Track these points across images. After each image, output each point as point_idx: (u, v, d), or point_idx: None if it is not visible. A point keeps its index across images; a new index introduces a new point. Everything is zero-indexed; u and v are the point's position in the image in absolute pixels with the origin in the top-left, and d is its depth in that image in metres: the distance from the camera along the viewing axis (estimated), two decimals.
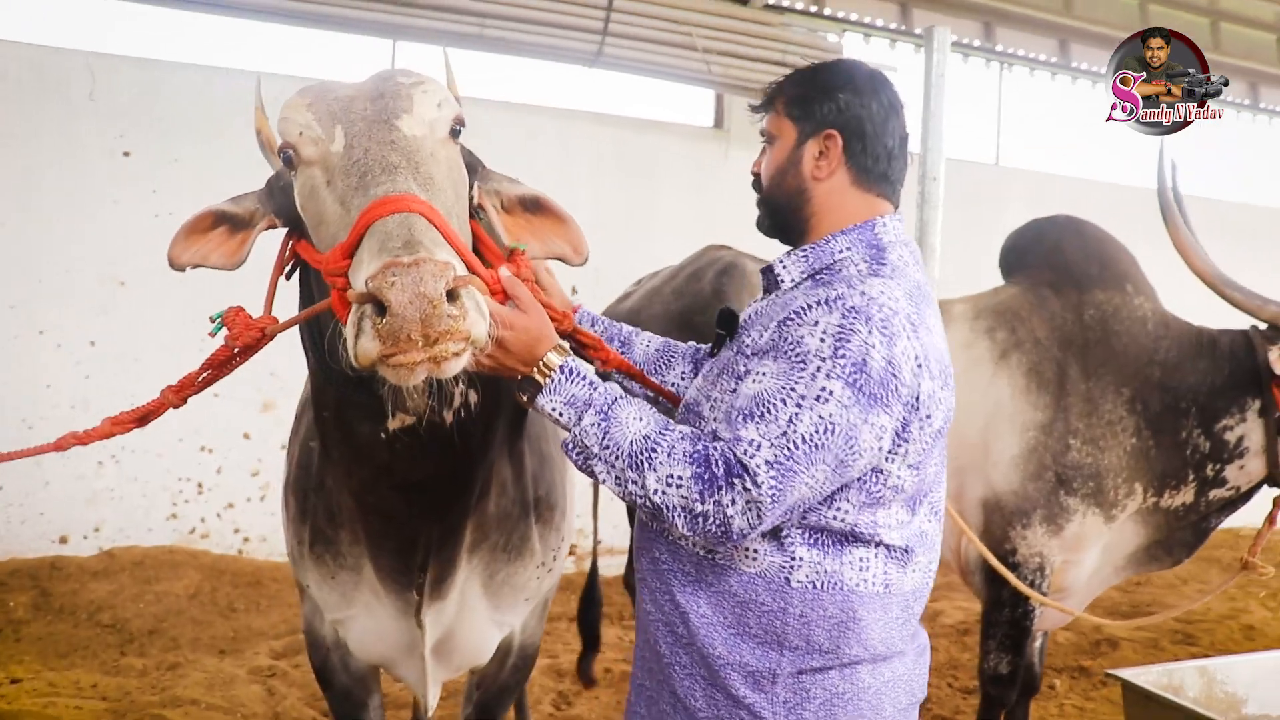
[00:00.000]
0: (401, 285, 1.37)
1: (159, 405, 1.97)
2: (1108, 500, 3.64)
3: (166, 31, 6.74)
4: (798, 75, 2.02)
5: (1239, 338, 3.72)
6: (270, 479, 6.72)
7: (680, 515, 1.66)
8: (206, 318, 1.91)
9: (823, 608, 1.79)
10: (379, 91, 1.78)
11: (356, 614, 2.46)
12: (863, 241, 1.90)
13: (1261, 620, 6.75)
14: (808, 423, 1.65)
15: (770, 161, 2.01)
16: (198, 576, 6.14)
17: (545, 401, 1.76)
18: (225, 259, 1.97)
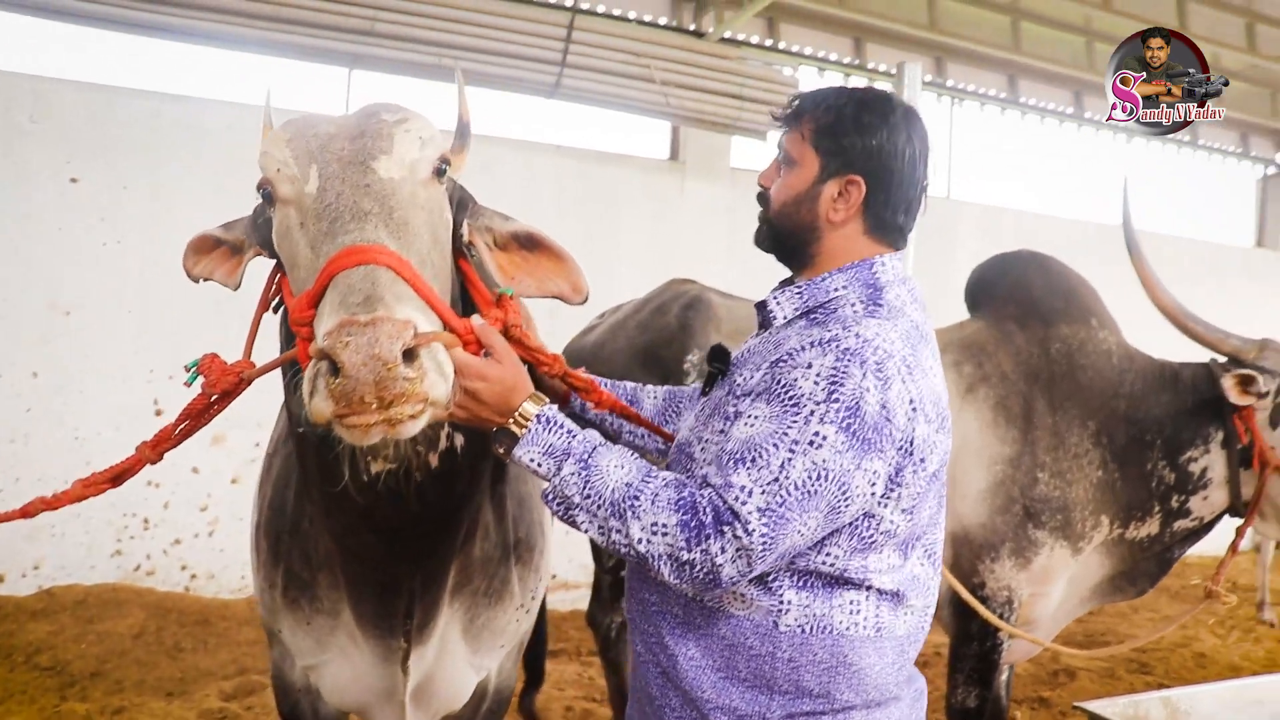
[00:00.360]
0: (355, 346, 1.34)
1: (135, 462, 1.85)
2: (1075, 533, 3.65)
3: (115, 57, 6.64)
4: (832, 100, 1.90)
5: (1200, 371, 3.76)
6: (219, 514, 6.58)
7: (666, 564, 1.61)
8: (182, 367, 1.85)
9: (812, 652, 1.74)
10: (360, 130, 1.73)
11: (331, 659, 2.38)
12: (860, 280, 1.85)
13: (1212, 648, 6.85)
14: (800, 469, 1.60)
15: (784, 186, 1.93)
16: (143, 615, 5.97)
17: (523, 453, 1.69)
18: (226, 278, 1.98)
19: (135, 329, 6.41)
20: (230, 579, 6.64)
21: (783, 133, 1.96)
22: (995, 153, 10.16)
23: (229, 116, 6.70)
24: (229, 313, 6.40)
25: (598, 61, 7.18)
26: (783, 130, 1.97)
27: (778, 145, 1.98)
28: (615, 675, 4.46)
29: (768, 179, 1.98)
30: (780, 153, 1.96)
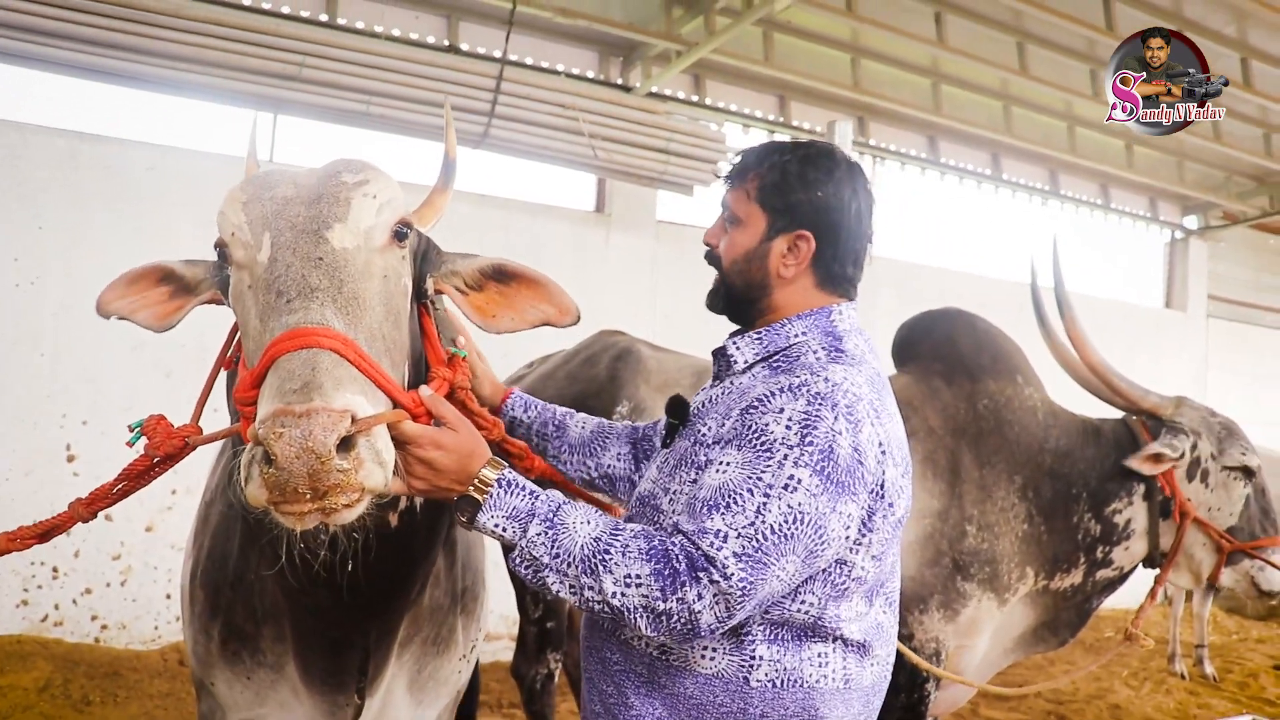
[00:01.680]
0: (289, 438, 1.33)
1: (65, 520, 1.81)
2: (1002, 584, 3.71)
3: (31, 94, 6.52)
4: (776, 158, 1.90)
5: (1119, 427, 3.91)
6: (132, 563, 6.41)
7: (642, 616, 1.59)
8: (126, 426, 1.81)
9: (783, 706, 1.73)
10: (318, 194, 1.69)
11: (269, 713, 2.31)
12: (818, 328, 1.87)
13: (1126, 699, 6.98)
14: (776, 513, 1.60)
15: (733, 245, 1.93)
16: (49, 668, 5.77)
17: (486, 518, 1.66)
18: (154, 320, 1.90)
19: (49, 372, 6.26)
20: (143, 629, 6.46)
21: (726, 190, 1.97)
22: (914, 211, 10.39)
23: (150, 157, 6.62)
24: (145, 359, 6.36)
25: (526, 113, 7.22)
26: (726, 187, 1.97)
27: (722, 204, 1.98)
28: None
29: (714, 237, 1.99)
30: (725, 210, 1.97)
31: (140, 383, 6.36)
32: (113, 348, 6.36)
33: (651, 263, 8.48)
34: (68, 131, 6.45)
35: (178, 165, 6.68)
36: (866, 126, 9.63)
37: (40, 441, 6.19)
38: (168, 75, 6.15)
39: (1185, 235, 12.35)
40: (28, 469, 6.10)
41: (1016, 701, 6.79)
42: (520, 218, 7.93)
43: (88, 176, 6.42)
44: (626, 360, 4.20)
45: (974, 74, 9.30)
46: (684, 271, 8.49)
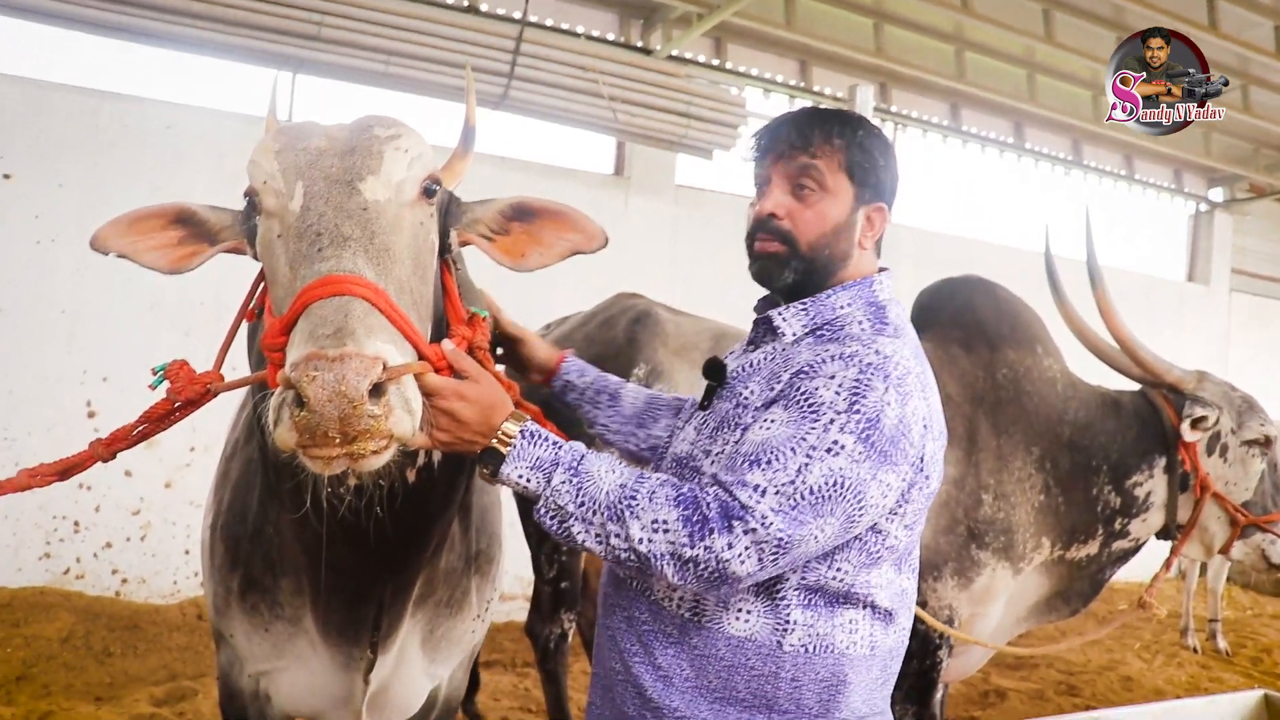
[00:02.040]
0: (322, 381, 1.33)
1: (85, 458, 1.83)
2: (1017, 554, 3.71)
3: (52, 51, 6.53)
4: (850, 132, 1.91)
5: (1139, 399, 3.91)
6: (151, 518, 6.48)
7: (669, 563, 1.59)
8: (149, 369, 1.82)
9: (814, 670, 1.75)
10: (351, 146, 1.70)
11: (287, 665, 2.34)
12: (861, 299, 1.89)
13: (1138, 671, 6.99)
14: (817, 474, 1.61)
15: (821, 216, 1.89)
16: (71, 619, 5.85)
17: (510, 469, 1.66)
18: (161, 261, 1.86)
19: (68, 329, 6.30)
20: (162, 584, 6.54)
21: (792, 159, 1.91)
22: (935, 179, 10.32)
23: (168, 116, 6.62)
24: (164, 317, 6.39)
25: (545, 75, 7.18)
26: (789, 157, 1.91)
27: (784, 172, 1.92)
28: (553, 686, 4.46)
29: (780, 207, 1.91)
30: (802, 184, 1.90)
31: (159, 340, 6.40)
32: (131, 305, 6.40)
33: (671, 227, 8.45)
34: (88, 89, 6.46)
35: (196, 124, 6.69)
36: (888, 93, 9.54)
37: (61, 398, 6.24)
38: (187, 33, 6.14)
39: (1210, 208, 12.22)
40: (49, 425, 6.15)
41: (1028, 671, 6.82)
42: (539, 180, 7.90)
43: (107, 135, 6.43)
44: (645, 323, 4.19)
45: (999, 41, 9.19)
46: (703, 236, 8.47)
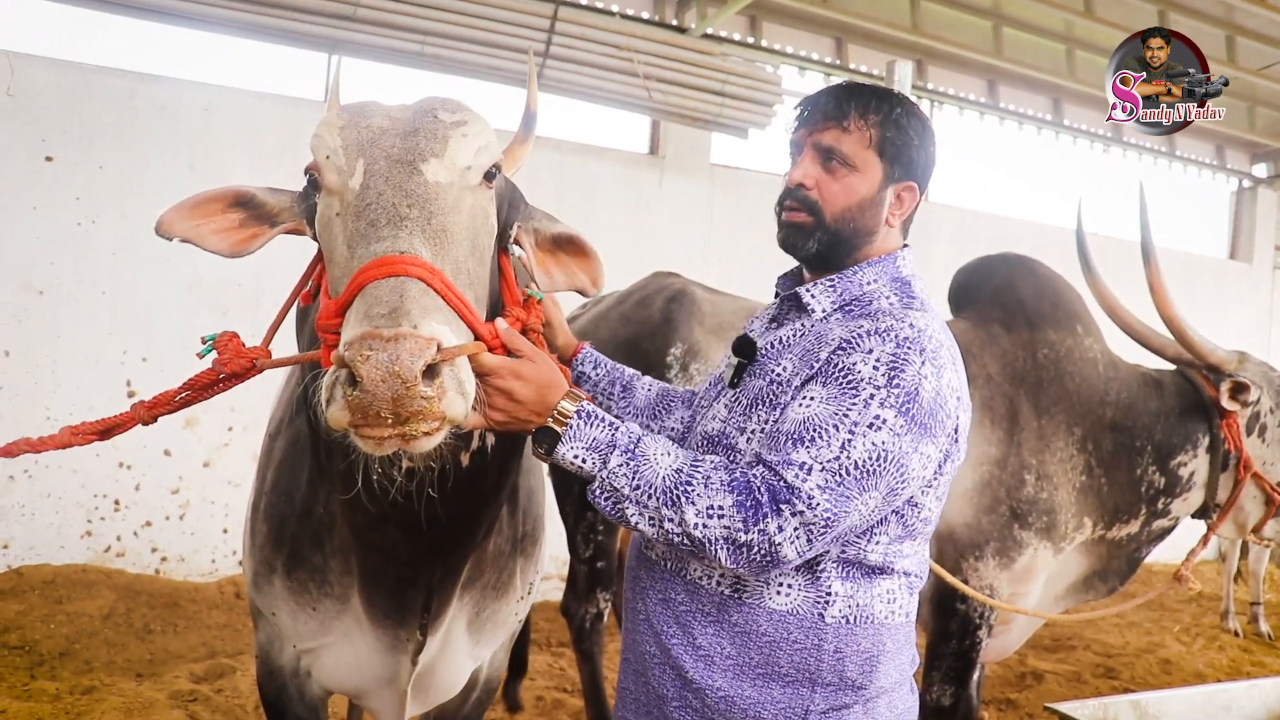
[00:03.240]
0: (376, 361, 1.33)
1: (127, 419, 1.84)
2: (1059, 534, 3.70)
3: (91, 35, 6.59)
4: (887, 109, 1.91)
5: (1179, 379, 3.90)
6: (190, 497, 6.55)
7: (724, 548, 1.62)
8: (199, 338, 1.85)
9: (856, 642, 1.78)
10: (414, 127, 1.70)
11: (334, 642, 2.36)
12: (886, 275, 1.91)
13: (1177, 654, 6.92)
14: (861, 449, 1.63)
15: (848, 191, 1.90)
16: (112, 597, 5.93)
17: (566, 450, 1.66)
18: (223, 244, 1.86)
19: (109, 310, 6.37)
20: (201, 562, 6.61)
21: (823, 130, 1.91)
22: (972, 157, 10.22)
23: (205, 98, 6.66)
24: (203, 298, 6.44)
25: (581, 54, 7.17)
26: (821, 128, 1.91)
27: (816, 145, 1.92)
28: (588, 665, 4.48)
29: (808, 177, 1.92)
30: (830, 156, 1.90)
31: (198, 320, 6.45)
32: (171, 286, 6.45)
33: (706, 206, 8.41)
34: (126, 72, 6.50)
35: (233, 106, 6.72)
36: (925, 70, 9.44)
37: (101, 379, 6.31)
38: (224, 14, 6.17)
39: (1253, 184, 12.02)
40: (90, 404, 6.22)
41: (1065, 654, 6.77)
42: (573, 159, 7.90)
43: (145, 117, 6.47)
44: (681, 302, 4.18)
45: (1037, 16, 9.08)
46: (738, 215, 8.43)
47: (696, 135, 8.31)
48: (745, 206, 8.49)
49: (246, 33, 6.41)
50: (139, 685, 4.87)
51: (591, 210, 7.92)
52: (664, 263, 5.19)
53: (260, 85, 6.95)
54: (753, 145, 8.28)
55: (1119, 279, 4.07)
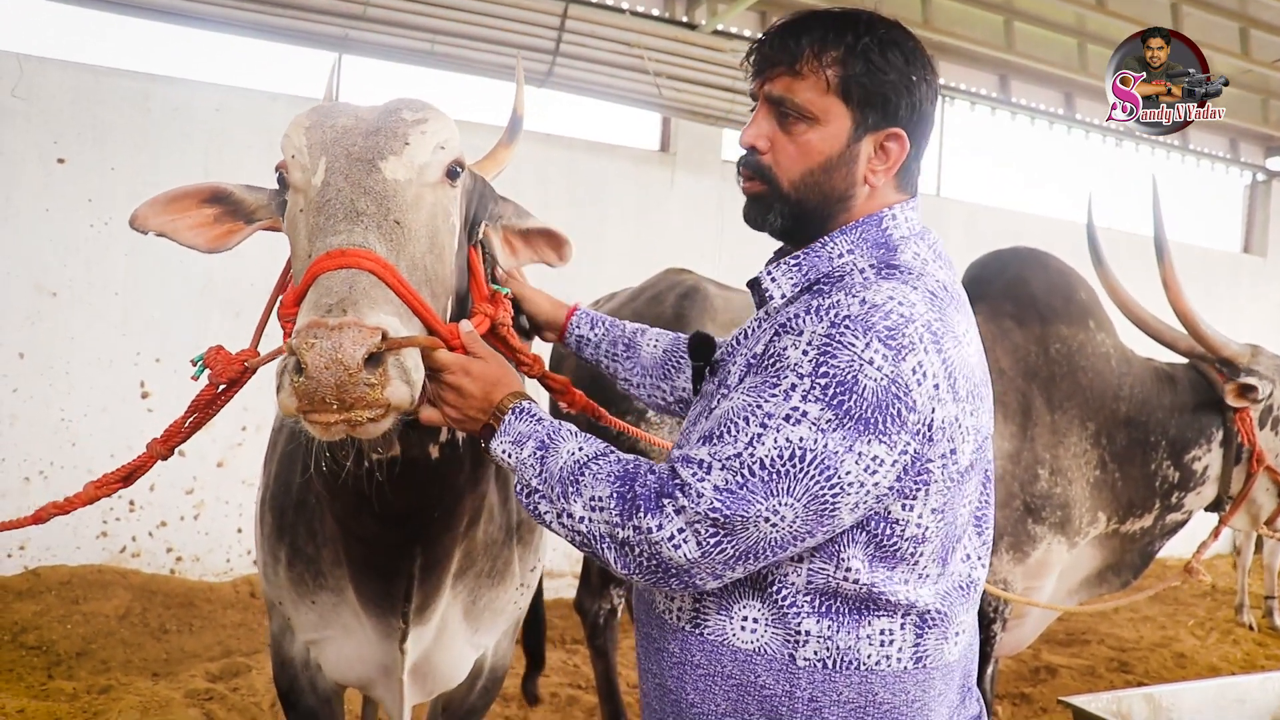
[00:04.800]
0: (319, 349, 1.37)
1: (146, 460, 1.89)
2: (1073, 528, 3.71)
3: (103, 36, 6.61)
4: (851, 39, 1.56)
5: (1191, 373, 3.89)
6: (205, 497, 6.58)
7: (608, 546, 1.46)
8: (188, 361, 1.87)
9: (835, 690, 1.50)
10: (377, 126, 1.73)
11: (335, 635, 2.42)
12: (867, 241, 1.58)
13: (1191, 649, 6.90)
14: (769, 445, 1.38)
15: (807, 150, 1.58)
16: (128, 597, 5.96)
17: (495, 443, 1.61)
18: (199, 239, 1.91)
19: (122, 312, 6.39)
20: (215, 562, 6.64)
21: (775, 78, 1.61)
22: (984, 152, 10.18)
23: (217, 98, 6.68)
24: (216, 298, 6.46)
25: (591, 51, 7.17)
26: (774, 74, 1.61)
27: (769, 96, 1.62)
28: (602, 661, 4.48)
29: (760, 139, 1.62)
30: (782, 104, 1.59)
31: (211, 321, 6.48)
32: (184, 288, 6.47)
33: (717, 203, 8.40)
34: (138, 73, 6.53)
35: (245, 106, 6.74)
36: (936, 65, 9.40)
37: (115, 380, 6.34)
38: (235, 14, 6.20)
39: (1267, 177, 11.94)
40: (104, 406, 6.25)
41: (1079, 648, 6.76)
42: (584, 157, 7.90)
43: (158, 118, 6.49)
44: (693, 298, 4.18)
45: (1048, 10, 9.03)
46: None
47: (707, 132, 8.30)
48: None
49: (257, 33, 6.44)
50: (155, 684, 4.90)
51: (602, 207, 7.93)
52: (675, 259, 5.18)
53: (273, 85, 6.97)
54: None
55: (1130, 273, 4.07)
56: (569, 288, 5.52)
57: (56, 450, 6.19)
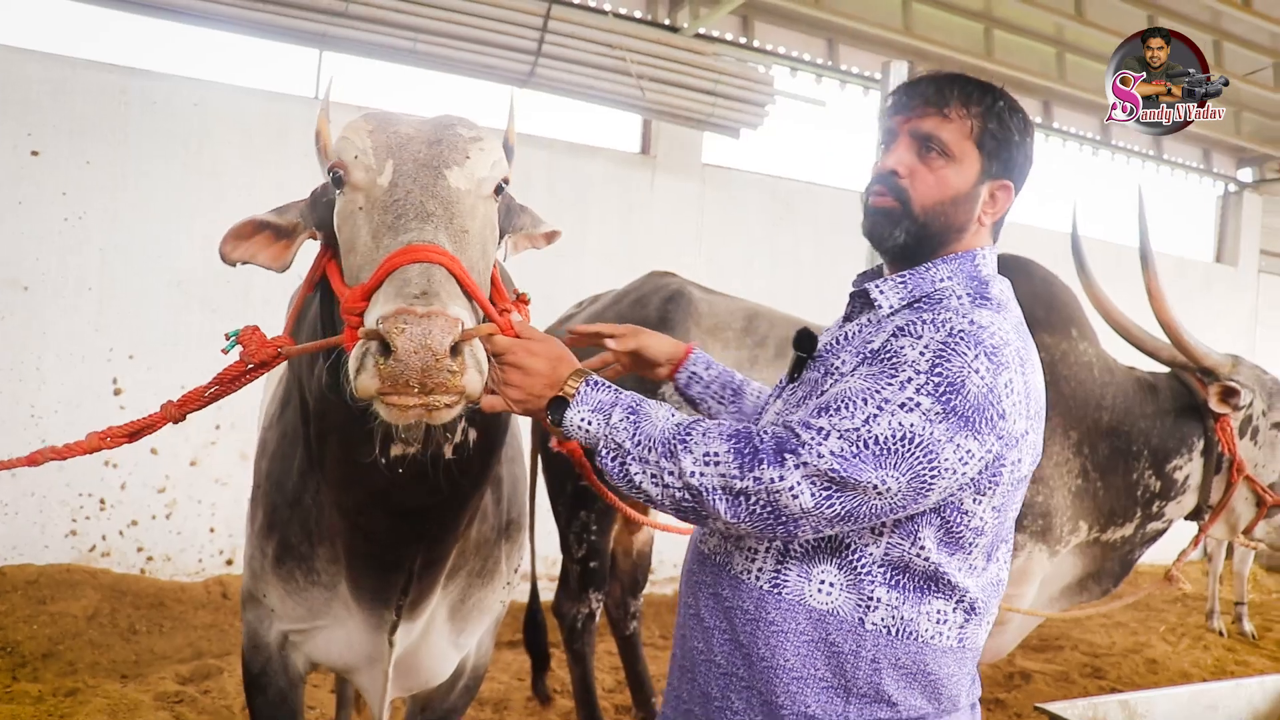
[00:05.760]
0: (410, 334, 1.45)
1: (157, 420, 1.95)
2: (1054, 537, 3.72)
3: (79, 28, 6.52)
4: (990, 101, 1.85)
5: (1173, 382, 3.93)
6: (177, 496, 6.50)
7: (721, 498, 1.59)
8: (222, 334, 1.95)
9: (895, 655, 1.72)
10: (437, 138, 1.85)
11: (325, 625, 2.51)
12: (963, 273, 1.84)
13: (1163, 654, 6.96)
14: (885, 426, 1.57)
15: (943, 183, 1.84)
16: (96, 597, 5.88)
17: (573, 413, 1.70)
18: (271, 261, 2.03)
19: (95, 307, 6.32)
20: (187, 562, 6.57)
21: (921, 118, 1.85)
22: None
23: (197, 93, 6.61)
24: (192, 294, 6.40)
25: (573, 52, 7.15)
26: (919, 115, 1.86)
27: (913, 132, 1.86)
28: (579, 666, 4.46)
29: (902, 164, 1.86)
30: (928, 143, 1.85)
31: (186, 317, 6.41)
32: (158, 283, 6.40)
33: (698, 206, 8.41)
34: (115, 66, 6.45)
35: (223, 101, 6.68)
36: (916, 72, 9.44)
37: (87, 376, 6.26)
38: (214, 9, 6.13)
39: (1239, 188, 12.08)
40: (76, 402, 6.18)
41: (1053, 654, 6.79)
42: (565, 158, 7.88)
43: (134, 112, 6.42)
44: (678, 302, 4.18)
45: (1027, 18, 9.11)
46: (730, 215, 8.44)
47: (688, 135, 8.30)
48: (736, 206, 8.50)
49: (238, 28, 6.37)
50: (124, 687, 4.82)
51: (583, 209, 7.91)
52: (655, 262, 5.17)
53: (252, 81, 6.91)
54: (744, 145, 8.28)
55: (1106, 282, 4.10)
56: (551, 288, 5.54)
57: (26, 446, 5.99)
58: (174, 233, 6.39)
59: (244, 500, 2.76)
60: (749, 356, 4.16)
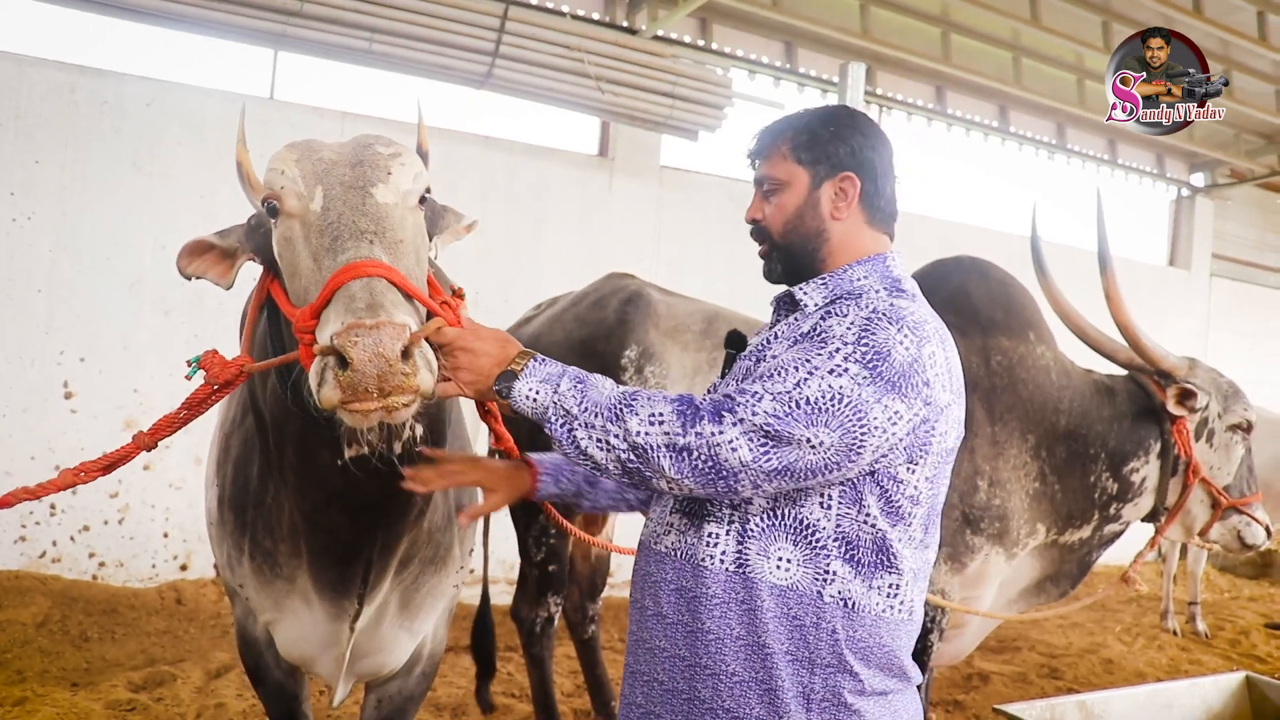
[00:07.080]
0: (363, 345, 1.57)
1: (131, 450, 2.04)
2: (1011, 539, 3.72)
3: (29, 25, 6.42)
4: (799, 121, 2.06)
5: (1130, 384, 3.95)
6: (130, 501, 6.41)
7: (665, 454, 1.70)
8: (184, 361, 2.02)
9: (852, 628, 1.83)
10: (358, 159, 1.96)
11: (283, 617, 2.65)
12: (877, 273, 1.98)
13: (1119, 654, 7.03)
14: (815, 388, 1.69)
15: (781, 207, 2.04)
16: (47, 603, 5.78)
17: (522, 385, 1.80)
18: (219, 278, 2.15)
19: (46, 308, 6.22)
20: (140, 567, 6.47)
21: (757, 168, 2.09)
22: (920, 162, 10.29)
23: (149, 93, 6.53)
24: (144, 297, 6.31)
25: (531, 54, 7.13)
26: (755, 166, 2.10)
27: (756, 182, 2.09)
28: (538, 670, 4.44)
29: (756, 211, 2.08)
30: (763, 185, 2.07)
31: (139, 320, 6.33)
32: (110, 285, 6.31)
33: (655, 208, 8.41)
34: (66, 65, 6.36)
35: (176, 101, 6.60)
36: (874, 75, 9.49)
37: (37, 378, 6.16)
38: (168, 7, 6.05)
39: (1191, 193, 12.25)
40: (25, 405, 6.08)
41: (1010, 655, 6.84)
42: (523, 160, 7.85)
43: (85, 111, 6.33)
44: (636, 304, 4.16)
45: (985, 23, 9.18)
46: (687, 217, 8.44)
47: (646, 137, 8.30)
48: (694, 208, 8.51)
49: (191, 27, 6.29)
50: (74, 695, 4.73)
51: (542, 211, 7.89)
52: (614, 264, 5.16)
53: (205, 81, 6.82)
54: (702, 148, 8.30)
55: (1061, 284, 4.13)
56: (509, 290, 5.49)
57: None
58: (126, 234, 6.30)
59: (199, 504, 2.83)
60: (708, 359, 4.15)
